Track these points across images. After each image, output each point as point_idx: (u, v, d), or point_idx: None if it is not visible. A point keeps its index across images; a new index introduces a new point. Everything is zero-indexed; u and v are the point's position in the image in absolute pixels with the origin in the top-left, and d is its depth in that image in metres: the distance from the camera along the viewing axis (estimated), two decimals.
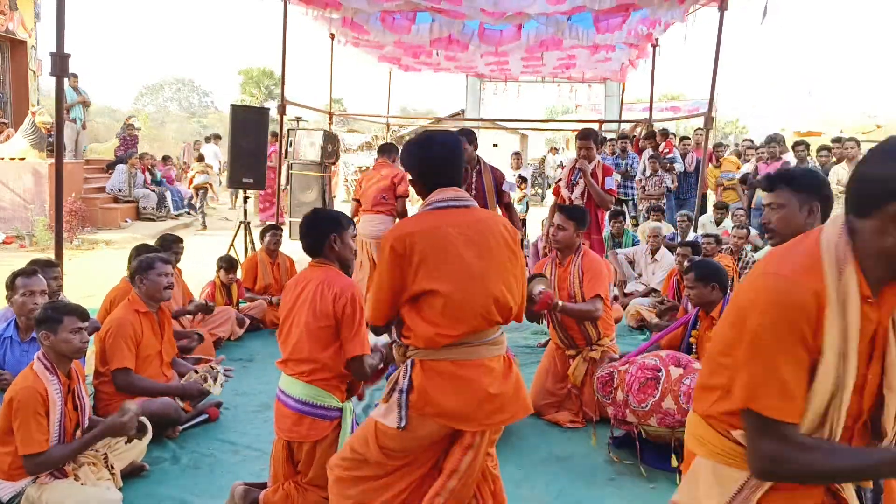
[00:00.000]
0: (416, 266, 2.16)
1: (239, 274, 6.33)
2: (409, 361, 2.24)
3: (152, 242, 5.29)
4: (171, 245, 5.10)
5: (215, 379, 3.85)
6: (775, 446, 1.32)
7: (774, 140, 9.27)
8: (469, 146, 4.96)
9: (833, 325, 1.30)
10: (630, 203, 10.34)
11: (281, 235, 6.61)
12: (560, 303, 3.97)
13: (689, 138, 10.53)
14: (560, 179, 5.86)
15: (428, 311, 2.17)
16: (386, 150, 6.59)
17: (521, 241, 2.64)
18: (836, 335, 1.30)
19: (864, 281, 1.32)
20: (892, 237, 1.28)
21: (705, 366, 1.56)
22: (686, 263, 4.95)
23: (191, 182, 13.70)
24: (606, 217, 6.98)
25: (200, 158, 14.02)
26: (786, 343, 1.30)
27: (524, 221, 10.26)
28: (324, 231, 2.80)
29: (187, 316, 5.10)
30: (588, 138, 5.58)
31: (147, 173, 13.26)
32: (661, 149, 9.98)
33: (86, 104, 12.64)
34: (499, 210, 5.20)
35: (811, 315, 1.29)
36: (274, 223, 6.78)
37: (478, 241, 2.21)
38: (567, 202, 5.65)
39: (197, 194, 13.46)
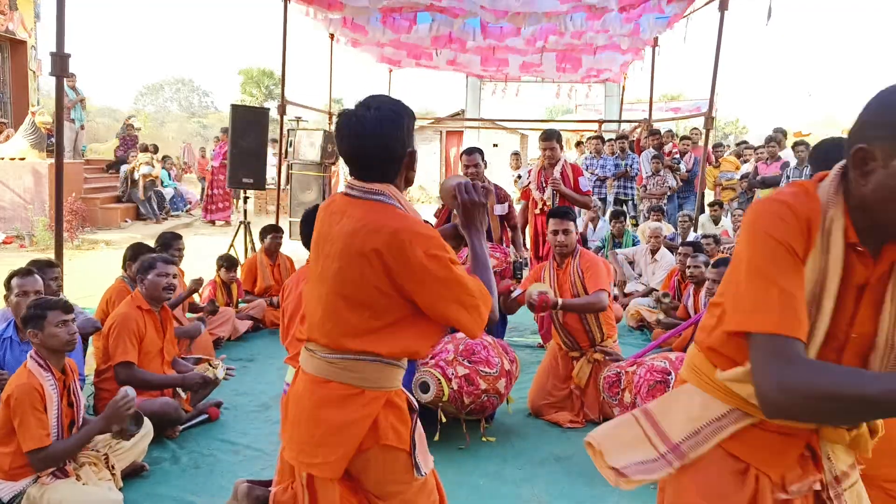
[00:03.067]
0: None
1: (238, 273, 6.33)
2: None
3: (151, 242, 5.28)
4: (170, 243, 5.08)
5: (216, 367, 3.88)
6: (785, 369, 1.18)
7: (774, 140, 9.27)
8: (480, 163, 5.00)
9: (815, 258, 1.27)
10: (630, 203, 10.34)
11: (281, 237, 6.59)
12: (560, 301, 3.97)
13: (689, 138, 10.54)
14: (529, 183, 5.85)
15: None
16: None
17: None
18: (815, 271, 1.27)
19: (852, 227, 1.28)
20: (869, 185, 1.24)
21: (709, 308, 1.50)
22: (713, 259, 5.10)
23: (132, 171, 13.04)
24: (579, 211, 6.97)
25: (145, 149, 13.39)
26: (784, 260, 1.25)
27: None
28: None
29: (189, 315, 5.10)
30: (551, 139, 5.56)
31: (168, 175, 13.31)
32: (666, 149, 9.99)
33: (83, 102, 12.59)
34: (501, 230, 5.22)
35: (804, 235, 1.27)
36: (274, 224, 6.76)
37: (340, 238, 1.80)
38: (539, 204, 5.66)
39: (143, 185, 12.84)
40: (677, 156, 9.76)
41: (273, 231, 6.51)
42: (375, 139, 1.77)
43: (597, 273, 4.08)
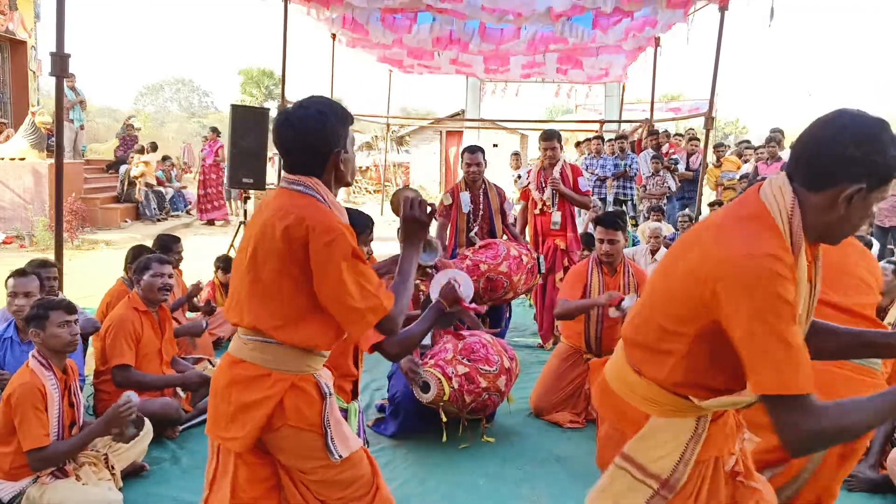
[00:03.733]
0: None
1: None
2: None
3: (151, 243, 5.27)
4: (169, 245, 5.07)
5: (215, 366, 3.87)
6: (811, 421, 1.32)
7: (773, 140, 9.27)
8: (482, 162, 4.98)
9: (800, 294, 1.39)
10: (630, 203, 10.34)
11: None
12: (630, 298, 3.86)
13: (697, 139, 10.52)
14: (528, 184, 5.86)
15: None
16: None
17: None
18: (801, 304, 1.40)
19: (808, 247, 1.44)
20: (837, 214, 1.39)
21: (645, 325, 1.58)
22: None
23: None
24: (578, 211, 6.96)
25: (141, 150, 13.27)
26: (792, 317, 1.33)
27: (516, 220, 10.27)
28: None
29: (189, 314, 5.10)
30: (551, 139, 5.56)
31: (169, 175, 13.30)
32: (664, 150, 10.00)
33: (83, 104, 12.57)
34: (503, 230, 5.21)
35: (792, 288, 1.35)
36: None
37: (257, 226, 1.88)
38: (538, 204, 5.66)
39: (137, 185, 12.73)
40: (675, 156, 9.76)
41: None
42: (298, 134, 1.86)
43: (646, 277, 4.09)
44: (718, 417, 1.59)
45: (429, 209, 2.03)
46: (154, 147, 13.60)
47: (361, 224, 2.90)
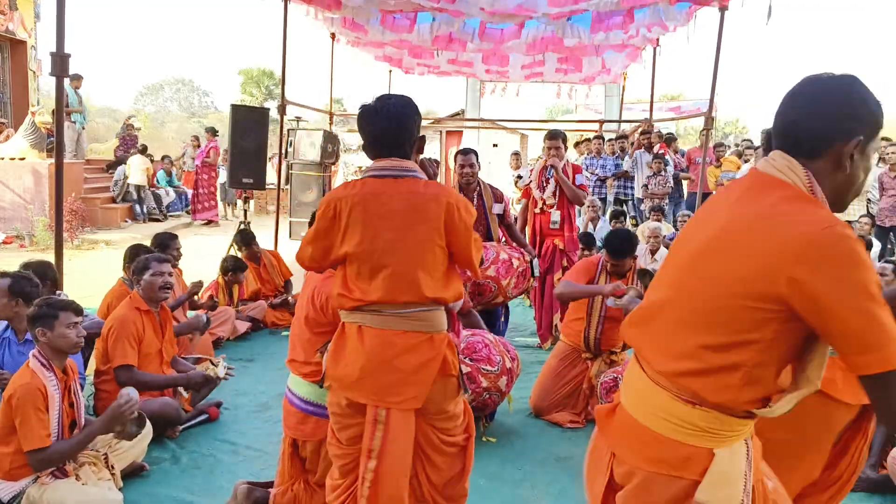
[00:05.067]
0: (343, 230, 2.20)
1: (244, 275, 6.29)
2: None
3: (148, 242, 5.27)
4: (167, 243, 5.07)
5: (216, 366, 3.87)
6: None
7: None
8: (475, 163, 4.96)
9: None
10: (630, 203, 10.34)
11: (254, 244, 6.48)
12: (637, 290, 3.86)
13: (723, 146, 10.44)
14: (530, 182, 5.86)
15: (346, 274, 2.23)
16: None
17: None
18: None
19: None
20: (844, 174, 1.38)
21: (691, 352, 1.38)
22: None
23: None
24: (577, 211, 6.96)
25: (143, 151, 13.34)
26: (877, 286, 1.25)
27: (516, 220, 10.26)
28: None
29: (190, 313, 5.10)
30: (557, 138, 5.61)
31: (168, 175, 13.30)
32: (654, 150, 9.99)
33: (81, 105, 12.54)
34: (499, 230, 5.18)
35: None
36: (245, 231, 6.66)
37: (398, 213, 2.16)
38: (539, 203, 5.67)
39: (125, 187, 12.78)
40: (665, 157, 9.77)
41: (244, 244, 6.40)
42: (400, 120, 2.21)
43: None
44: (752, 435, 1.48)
45: None
46: (143, 149, 13.56)
47: None
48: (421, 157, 2.50)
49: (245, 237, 6.55)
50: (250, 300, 6.30)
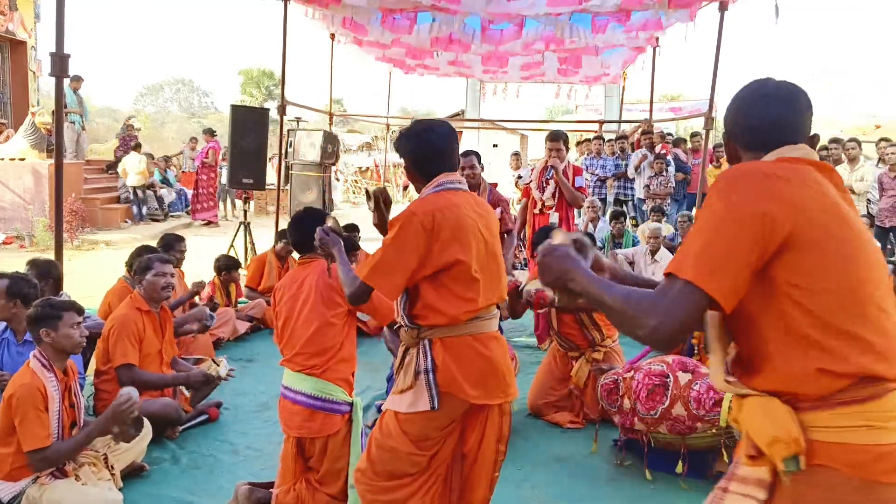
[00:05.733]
0: (445, 240, 2.19)
1: (238, 274, 6.30)
2: (425, 342, 2.24)
3: (153, 243, 5.28)
4: (172, 244, 5.09)
5: (218, 365, 3.87)
6: None
7: None
8: (476, 165, 4.96)
9: None
10: (630, 203, 10.33)
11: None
12: (556, 297, 3.94)
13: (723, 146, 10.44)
14: (530, 181, 5.86)
15: (455, 285, 2.21)
16: None
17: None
18: None
19: None
20: None
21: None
22: None
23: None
24: (577, 213, 6.97)
25: (137, 147, 13.22)
26: None
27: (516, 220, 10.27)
28: (314, 227, 2.79)
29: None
30: (558, 139, 5.60)
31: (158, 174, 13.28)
32: (656, 150, 9.98)
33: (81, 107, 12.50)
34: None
35: None
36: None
37: (486, 219, 2.35)
38: (539, 203, 5.67)
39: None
40: (667, 157, 9.76)
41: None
42: (452, 139, 2.42)
43: None
44: None
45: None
46: (136, 146, 13.43)
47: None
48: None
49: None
50: (263, 293, 6.29)
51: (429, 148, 2.34)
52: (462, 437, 2.32)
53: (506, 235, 5.16)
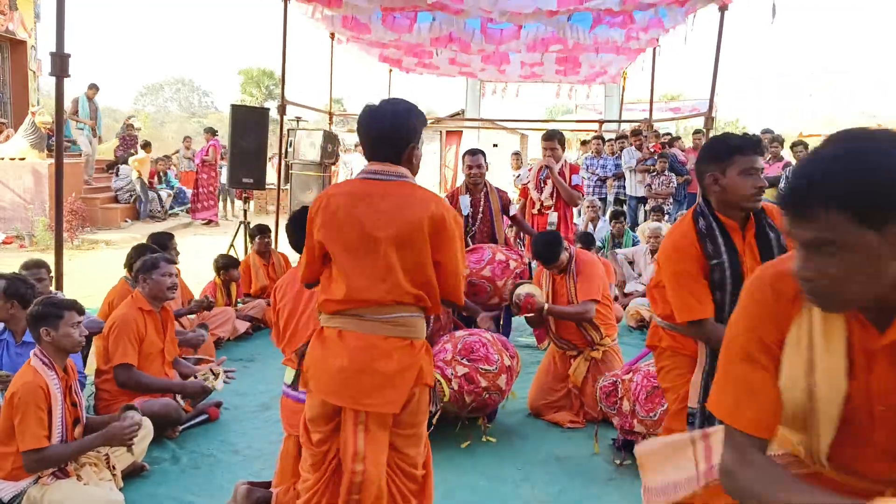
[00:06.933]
0: (318, 225, 2.20)
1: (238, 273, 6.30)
2: None
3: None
4: (164, 243, 5.08)
5: (216, 376, 3.86)
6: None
7: (776, 140, 9.25)
8: (483, 164, 4.96)
9: None
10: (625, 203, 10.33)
11: (269, 236, 6.57)
12: (546, 305, 3.96)
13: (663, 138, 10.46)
14: (528, 181, 5.87)
15: (329, 275, 2.23)
16: None
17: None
18: None
19: None
20: None
21: None
22: None
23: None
24: (576, 212, 6.99)
25: (146, 146, 13.37)
26: None
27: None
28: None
29: (189, 316, 5.10)
30: (553, 139, 5.63)
31: (158, 176, 13.28)
32: (649, 147, 9.99)
33: (94, 130, 12.52)
34: (505, 228, 5.17)
35: None
36: (260, 224, 6.72)
37: (382, 215, 2.13)
38: (537, 204, 5.68)
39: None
40: (656, 157, 9.77)
41: (259, 233, 6.46)
42: (387, 125, 2.18)
43: (588, 278, 4.03)
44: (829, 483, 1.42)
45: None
46: (145, 145, 13.51)
47: None
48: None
49: (261, 228, 6.59)
50: (257, 296, 6.30)
51: (363, 135, 2.26)
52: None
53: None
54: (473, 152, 5.12)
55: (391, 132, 2.18)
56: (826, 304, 1.15)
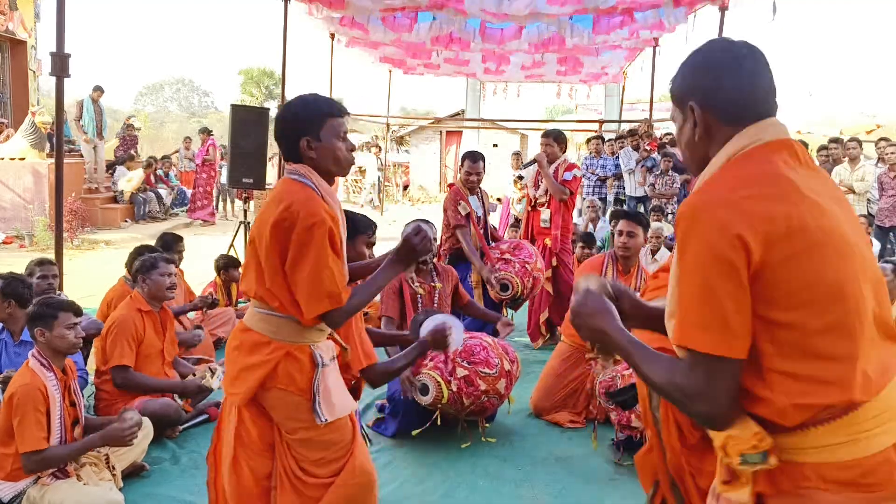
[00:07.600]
0: None
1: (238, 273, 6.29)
2: None
3: (153, 242, 5.28)
4: (172, 245, 5.08)
5: (213, 373, 3.86)
6: None
7: None
8: (482, 172, 4.99)
9: None
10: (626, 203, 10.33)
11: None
12: (598, 357, 3.91)
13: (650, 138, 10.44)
14: (528, 180, 5.91)
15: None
16: None
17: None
18: None
19: None
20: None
21: None
22: None
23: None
24: (576, 212, 7.01)
25: (132, 159, 13.42)
26: None
27: (519, 221, 10.27)
28: None
29: (190, 315, 5.09)
30: (549, 136, 5.67)
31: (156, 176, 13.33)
32: (642, 148, 9.97)
33: (101, 134, 12.55)
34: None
35: None
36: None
37: (264, 216, 2.13)
38: (532, 201, 5.71)
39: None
40: (654, 155, 9.74)
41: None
42: (276, 124, 2.15)
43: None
44: None
45: (433, 248, 2.26)
46: (131, 157, 13.62)
47: (364, 225, 2.90)
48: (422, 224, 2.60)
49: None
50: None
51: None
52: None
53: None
54: (475, 158, 5.12)
55: (277, 136, 2.14)
56: None
